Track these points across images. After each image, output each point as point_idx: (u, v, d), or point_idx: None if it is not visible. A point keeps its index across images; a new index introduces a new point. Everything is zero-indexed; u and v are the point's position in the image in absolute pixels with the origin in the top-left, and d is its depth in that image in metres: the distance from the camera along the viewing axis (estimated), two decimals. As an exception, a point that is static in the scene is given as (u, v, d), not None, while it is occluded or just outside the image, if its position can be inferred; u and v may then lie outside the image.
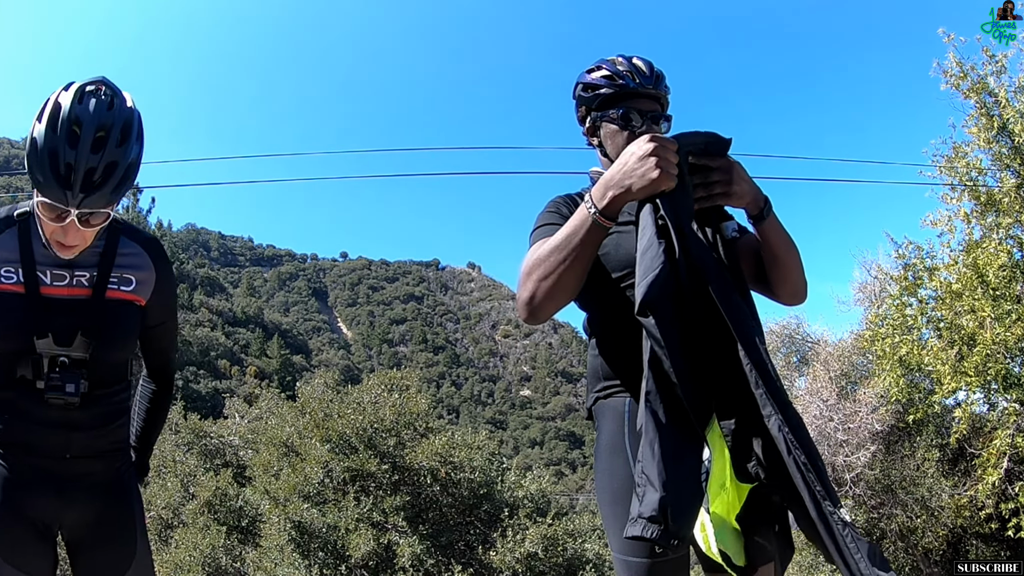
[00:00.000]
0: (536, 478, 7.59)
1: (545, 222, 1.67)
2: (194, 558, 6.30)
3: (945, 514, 8.88)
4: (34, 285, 1.52)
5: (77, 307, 1.56)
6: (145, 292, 1.66)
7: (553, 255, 1.47)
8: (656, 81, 1.70)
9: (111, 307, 1.60)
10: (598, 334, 1.68)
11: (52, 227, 1.46)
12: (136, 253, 1.67)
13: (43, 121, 1.40)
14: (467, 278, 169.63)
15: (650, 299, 1.33)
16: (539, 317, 1.52)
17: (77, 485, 1.61)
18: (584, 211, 1.45)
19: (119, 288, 1.61)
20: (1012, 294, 7.55)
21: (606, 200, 1.42)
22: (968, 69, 7.97)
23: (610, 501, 1.55)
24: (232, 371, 75.40)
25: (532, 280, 1.49)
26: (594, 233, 1.44)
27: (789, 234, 1.63)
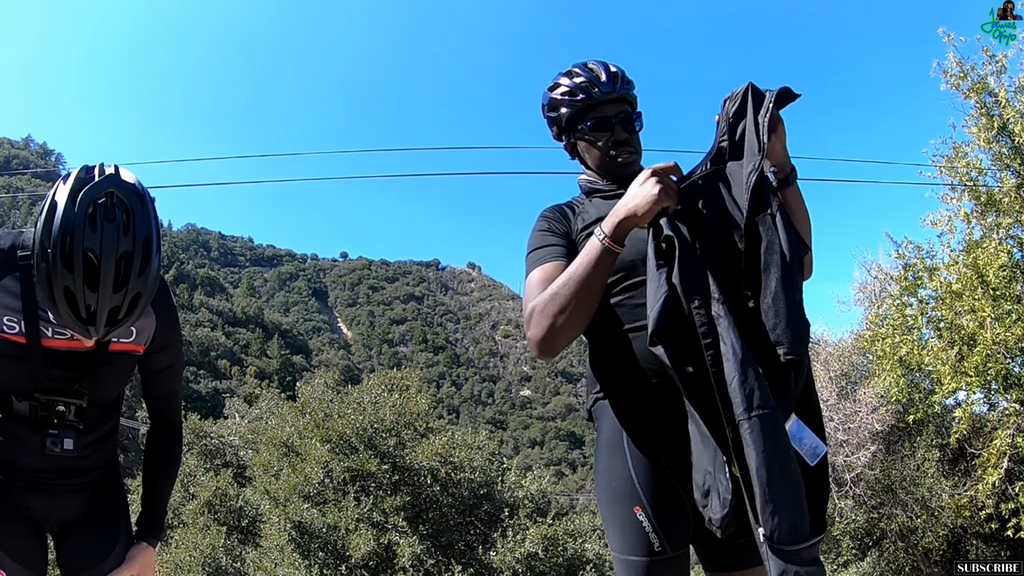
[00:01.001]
0: (536, 478, 7.60)
1: (540, 244, 1.67)
2: (194, 558, 6.30)
3: (945, 514, 8.88)
4: (36, 338, 1.52)
5: (78, 359, 1.57)
6: (144, 340, 1.66)
7: (566, 288, 1.49)
8: (615, 83, 1.69)
9: (111, 359, 1.62)
10: (598, 335, 1.69)
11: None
12: None
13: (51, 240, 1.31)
14: (467, 278, 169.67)
15: (659, 330, 1.35)
16: (555, 351, 1.53)
17: (67, 492, 1.68)
18: (595, 242, 1.48)
19: (119, 340, 1.61)
20: (1012, 294, 7.55)
21: (613, 226, 1.46)
22: (968, 69, 7.97)
23: (609, 501, 1.56)
24: (232, 371, 75.45)
25: (547, 316, 1.50)
26: (605, 260, 1.48)
27: (805, 208, 1.64)
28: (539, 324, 1.51)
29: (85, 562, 1.67)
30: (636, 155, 1.74)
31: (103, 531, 1.71)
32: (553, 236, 1.67)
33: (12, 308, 1.50)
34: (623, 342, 1.59)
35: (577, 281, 1.48)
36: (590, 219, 1.67)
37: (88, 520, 1.70)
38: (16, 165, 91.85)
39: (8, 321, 1.50)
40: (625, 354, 1.58)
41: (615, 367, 1.61)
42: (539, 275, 1.59)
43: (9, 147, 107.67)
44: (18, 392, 1.53)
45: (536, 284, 1.58)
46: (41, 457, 1.58)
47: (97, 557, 1.67)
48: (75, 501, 1.69)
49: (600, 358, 1.66)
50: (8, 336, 1.50)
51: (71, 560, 1.68)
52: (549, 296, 1.51)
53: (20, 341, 1.51)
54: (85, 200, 1.32)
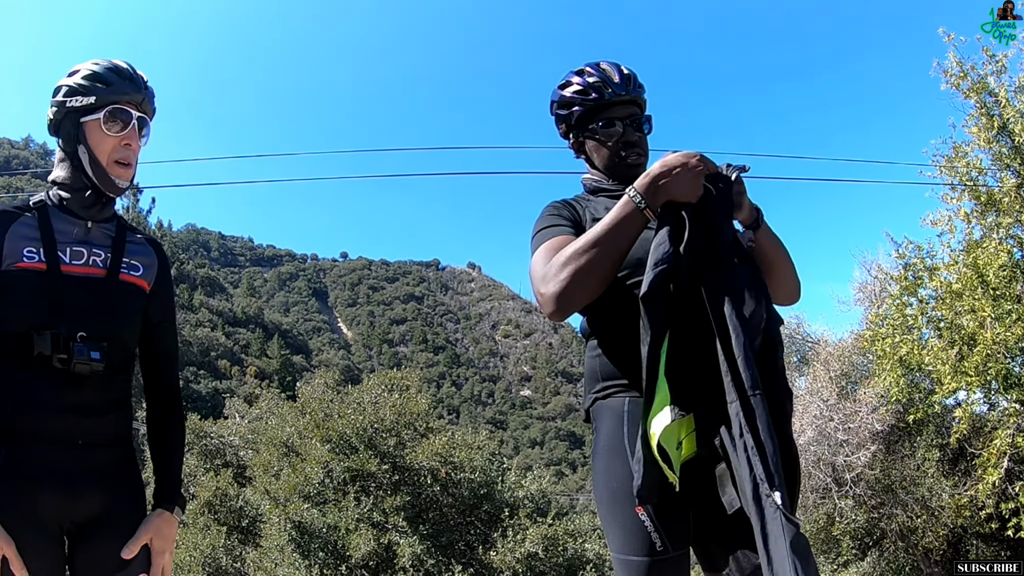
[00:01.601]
0: (536, 478, 7.60)
1: (550, 224, 1.67)
2: (194, 558, 6.30)
3: (945, 514, 8.88)
4: (55, 263, 1.56)
5: (93, 286, 1.61)
6: (150, 278, 1.73)
7: (595, 245, 1.47)
8: (628, 84, 1.70)
9: (123, 288, 1.66)
10: (600, 334, 1.68)
11: (112, 144, 1.61)
12: (141, 243, 1.76)
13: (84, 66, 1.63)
14: (467, 278, 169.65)
15: (653, 287, 1.39)
16: (568, 311, 1.52)
17: (86, 479, 1.55)
18: (630, 203, 1.47)
19: (129, 272, 1.68)
20: (1012, 294, 7.55)
21: (654, 194, 1.46)
22: (968, 69, 7.97)
23: (609, 501, 1.55)
24: (232, 371, 75.43)
25: (567, 271, 1.47)
26: (638, 224, 1.47)
27: (779, 239, 1.68)
28: (558, 279, 1.48)
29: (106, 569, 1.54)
30: (644, 157, 1.75)
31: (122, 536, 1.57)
32: (562, 219, 1.68)
33: (31, 238, 1.56)
34: (627, 339, 1.58)
35: (609, 237, 1.46)
36: (600, 215, 1.65)
37: (110, 518, 1.56)
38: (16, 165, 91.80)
39: (28, 252, 1.55)
40: (629, 351, 1.58)
41: (619, 364, 1.61)
42: (549, 245, 1.58)
43: (9, 147, 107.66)
44: (39, 327, 1.51)
45: (545, 253, 1.57)
46: (58, 391, 1.51)
47: (118, 566, 1.54)
48: (98, 493, 1.56)
49: (606, 355, 1.65)
50: (28, 265, 1.54)
51: (92, 568, 1.54)
52: (573, 252, 1.48)
53: (41, 268, 1.54)
54: None
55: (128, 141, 1.63)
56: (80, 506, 1.53)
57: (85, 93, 1.60)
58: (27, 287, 1.53)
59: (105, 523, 1.56)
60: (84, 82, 1.61)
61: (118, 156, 1.62)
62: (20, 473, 1.48)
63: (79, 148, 1.61)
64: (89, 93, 1.60)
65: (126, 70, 1.65)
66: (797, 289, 1.75)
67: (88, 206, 1.65)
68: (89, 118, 1.60)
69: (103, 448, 1.60)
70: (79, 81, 1.61)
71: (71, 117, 1.61)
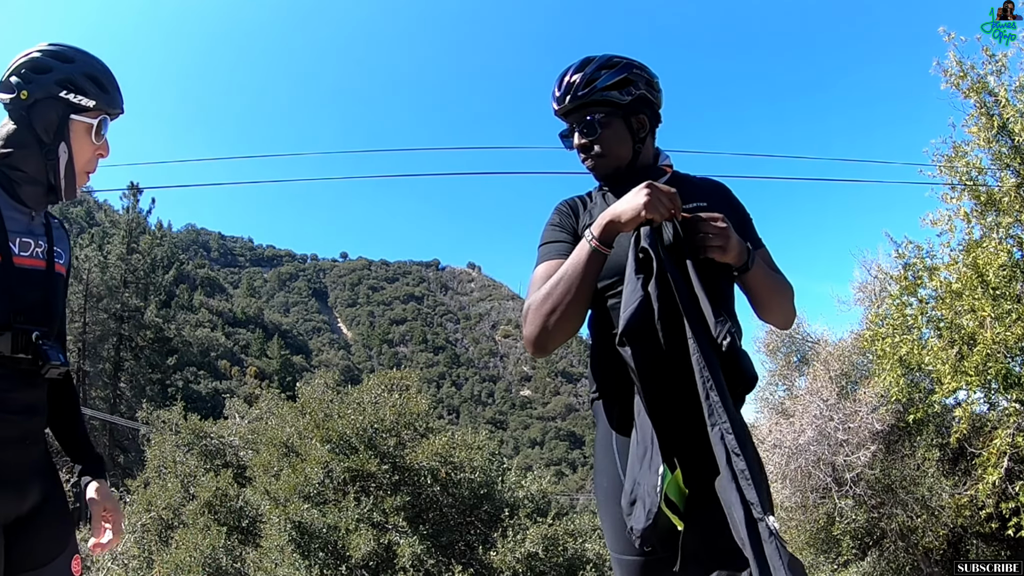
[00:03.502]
0: (536, 478, 7.60)
1: (548, 240, 1.72)
2: (194, 558, 6.29)
3: (945, 513, 8.88)
4: (8, 255, 1.49)
5: (39, 279, 1.56)
6: (67, 264, 1.69)
7: (558, 287, 1.53)
8: (561, 102, 1.70)
9: (57, 279, 1.61)
10: (592, 337, 1.73)
11: (91, 152, 1.58)
12: (58, 227, 1.69)
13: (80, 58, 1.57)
14: (467, 278, 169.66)
15: (629, 329, 1.40)
16: (548, 349, 1.57)
17: (31, 475, 1.57)
18: (584, 243, 1.53)
19: (58, 261, 1.63)
20: (1012, 293, 7.55)
21: (600, 227, 1.51)
22: (968, 68, 7.98)
23: (603, 500, 1.59)
24: (232, 371, 75.46)
25: (540, 314, 1.54)
26: (594, 260, 1.52)
27: (773, 277, 1.68)
28: (532, 323, 1.56)
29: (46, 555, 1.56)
30: (602, 158, 1.70)
31: (60, 520, 1.62)
32: (561, 232, 1.72)
33: None
34: (610, 346, 1.60)
35: (567, 281, 1.52)
36: (598, 214, 1.68)
37: (45, 508, 1.58)
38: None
39: None
40: (616, 357, 1.59)
41: (607, 369, 1.63)
42: (540, 272, 1.64)
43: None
44: None
45: (536, 281, 1.63)
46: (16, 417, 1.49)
47: (57, 550, 1.59)
48: (36, 485, 1.57)
49: (595, 360, 1.69)
50: None
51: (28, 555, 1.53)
52: (542, 296, 1.55)
53: None
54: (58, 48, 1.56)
55: (101, 152, 1.62)
56: (26, 501, 1.55)
57: (86, 93, 1.54)
58: None
59: (41, 512, 1.57)
60: (86, 82, 1.55)
61: (90, 167, 1.61)
62: None
63: (61, 146, 1.54)
64: (89, 94, 1.55)
65: (115, 80, 1.62)
66: (790, 319, 1.77)
67: (38, 199, 1.58)
68: (81, 119, 1.55)
69: (39, 444, 1.60)
70: (81, 76, 1.54)
71: (59, 106, 1.53)
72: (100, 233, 29.76)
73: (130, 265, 25.70)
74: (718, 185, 1.82)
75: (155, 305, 26.08)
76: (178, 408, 9.08)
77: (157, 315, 25.91)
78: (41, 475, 1.60)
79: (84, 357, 24.26)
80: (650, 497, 1.36)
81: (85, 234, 31.47)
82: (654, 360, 1.41)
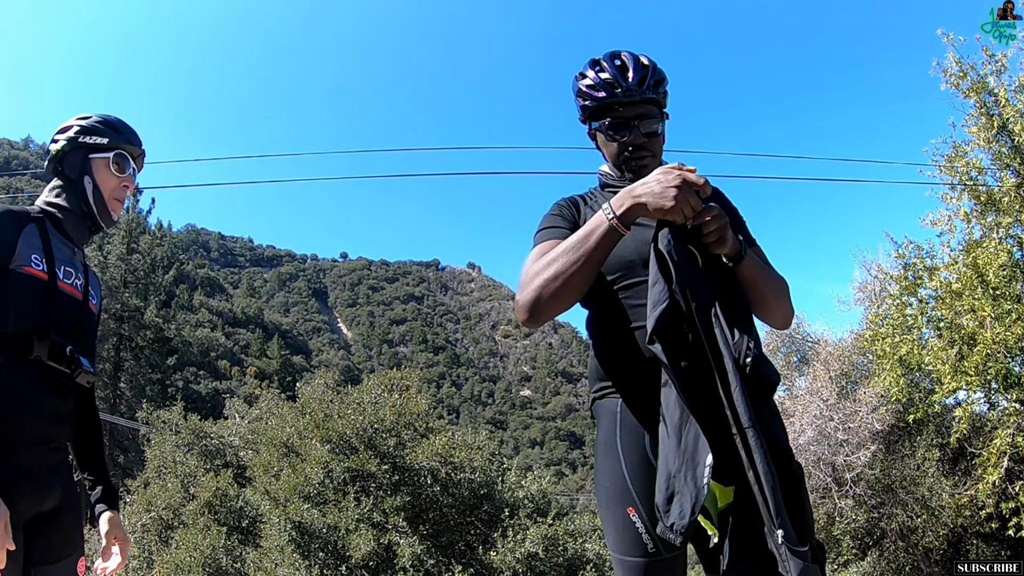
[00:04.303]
0: (536, 478, 7.59)
1: (548, 225, 1.68)
2: (194, 558, 6.29)
3: (945, 513, 8.87)
4: (54, 276, 1.76)
5: (76, 306, 1.83)
6: (99, 307, 1.97)
7: (565, 256, 1.47)
8: (642, 84, 1.63)
9: (90, 312, 1.89)
10: (595, 335, 1.70)
11: (115, 183, 1.86)
12: (94, 274, 1.99)
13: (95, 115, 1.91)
14: (467, 278, 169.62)
15: (658, 328, 1.37)
16: (540, 319, 1.51)
17: (52, 477, 1.73)
18: (602, 216, 1.47)
19: (93, 300, 1.91)
20: (1012, 293, 7.55)
21: (624, 208, 1.44)
22: (968, 68, 7.98)
23: (605, 501, 1.56)
24: (232, 372, 75.42)
25: (540, 279, 1.49)
26: (609, 237, 1.46)
27: (767, 270, 1.65)
28: (530, 287, 1.50)
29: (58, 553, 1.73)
30: (654, 159, 1.70)
31: (75, 523, 1.78)
32: (562, 220, 1.68)
33: (36, 247, 1.74)
34: (619, 342, 1.59)
35: (576, 250, 1.46)
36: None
37: (62, 511, 1.75)
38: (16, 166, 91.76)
39: (35, 259, 1.72)
40: (621, 354, 1.59)
41: (611, 367, 1.62)
42: (539, 249, 1.59)
43: (9, 148, 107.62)
44: (38, 332, 1.68)
45: (534, 256, 1.58)
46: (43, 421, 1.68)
47: (68, 550, 1.75)
48: (57, 488, 1.73)
49: (597, 357, 1.67)
50: (34, 271, 1.71)
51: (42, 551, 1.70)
52: (546, 262, 1.50)
53: (43, 277, 1.72)
54: None
55: (126, 184, 1.90)
56: (46, 501, 1.71)
57: (99, 134, 1.86)
58: (30, 292, 1.69)
59: (59, 515, 1.75)
60: (99, 125, 1.87)
61: (117, 195, 1.88)
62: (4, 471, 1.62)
63: (85, 179, 1.83)
64: (102, 135, 1.86)
65: (131, 128, 1.95)
66: (788, 317, 1.73)
67: (80, 232, 1.88)
68: (98, 156, 1.85)
69: (61, 451, 1.80)
70: (93, 123, 1.86)
71: (80, 151, 1.84)
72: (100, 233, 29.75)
73: (130, 265, 25.69)
74: (714, 189, 1.81)
75: (155, 305, 26.07)
76: (178, 408, 9.08)
77: (157, 315, 25.90)
78: (62, 480, 1.77)
79: (84, 357, 24.19)
80: (691, 491, 1.32)
81: (85, 234, 31.40)
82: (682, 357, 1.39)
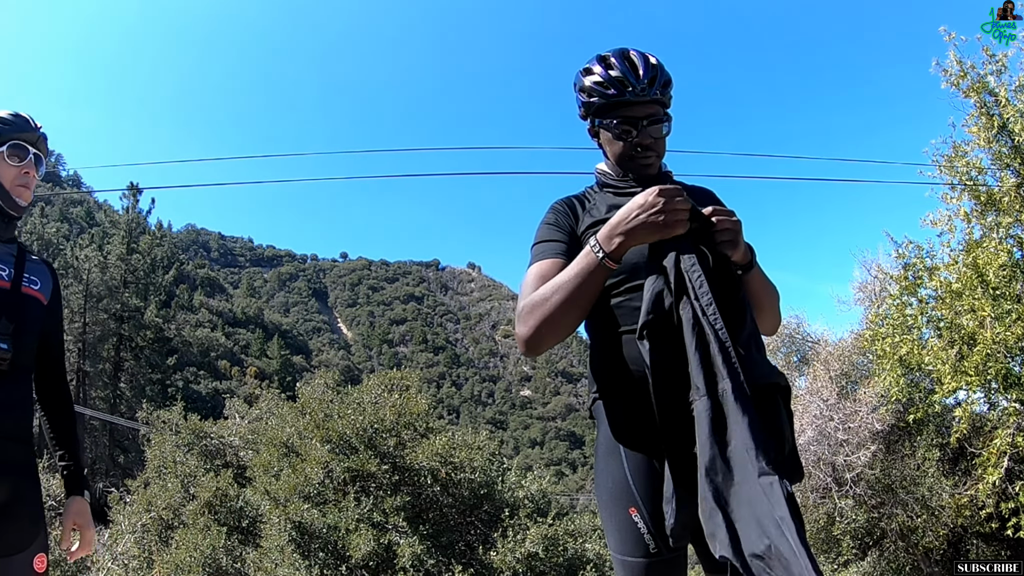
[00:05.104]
0: (536, 478, 7.58)
1: (545, 238, 1.67)
2: (194, 559, 6.29)
3: (945, 513, 8.87)
4: None
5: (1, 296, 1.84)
6: (47, 292, 1.99)
7: (556, 295, 1.48)
8: (652, 84, 1.62)
9: (25, 299, 1.90)
10: (596, 336, 1.70)
11: (14, 172, 1.88)
12: (39, 263, 2.01)
13: None
14: (467, 278, 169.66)
15: (648, 322, 1.40)
16: (538, 351, 1.55)
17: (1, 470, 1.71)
18: (591, 254, 1.47)
19: (29, 285, 1.92)
20: (1012, 293, 7.55)
21: (613, 245, 1.45)
22: (968, 68, 7.98)
23: (606, 502, 1.57)
24: (232, 372, 75.47)
25: (534, 318, 1.50)
26: (599, 275, 1.47)
27: (768, 278, 1.69)
28: (526, 324, 1.52)
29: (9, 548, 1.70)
30: (659, 160, 1.70)
31: (27, 518, 1.76)
32: (558, 231, 1.67)
33: None
34: (620, 343, 1.59)
35: (568, 291, 1.47)
36: (599, 215, 1.67)
37: (14, 503, 1.73)
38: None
39: None
40: (622, 355, 1.59)
41: (612, 368, 1.62)
42: (536, 271, 1.60)
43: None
44: None
45: (532, 280, 1.58)
46: None
47: (20, 546, 1.72)
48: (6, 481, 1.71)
49: (598, 358, 1.67)
50: None
51: None
52: (539, 299, 1.51)
53: None
54: None
55: (27, 170, 1.91)
56: None
57: None
58: None
59: (10, 508, 1.72)
60: None
61: (20, 181, 1.90)
62: None
63: None
64: None
65: (23, 116, 1.96)
66: (777, 324, 1.78)
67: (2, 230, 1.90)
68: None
69: (9, 442, 1.77)
70: None
71: None
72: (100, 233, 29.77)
73: (130, 265, 25.71)
74: (708, 191, 1.81)
75: (155, 305, 26.07)
76: (178, 408, 9.07)
77: (157, 315, 25.91)
78: (15, 472, 1.76)
79: (84, 357, 24.25)
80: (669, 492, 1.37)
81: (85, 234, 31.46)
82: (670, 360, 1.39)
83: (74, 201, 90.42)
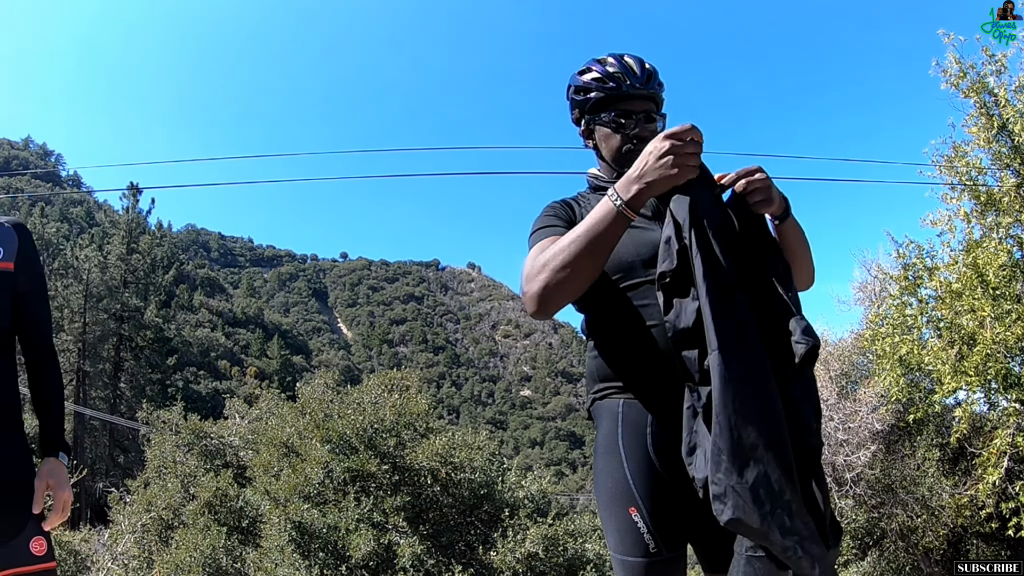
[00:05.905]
0: (536, 478, 7.58)
1: (545, 224, 1.68)
2: (194, 559, 6.30)
3: (945, 513, 8.87)
4: None
5: None
6: (11, 255, 1.85)
7: (574, 245, 1.46)
8: (648, 80, 1.69)
9: None
10: (596, 336, 1.69)
11: None
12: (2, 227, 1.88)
13: None
14: (467, 278, 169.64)
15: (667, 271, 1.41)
16: (549, 310, 1.51)
17: None
18: (608, 203, 1.46)
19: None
20: (1012, 293, 7.55)
21: (631, 193, 1.44)
22: (967, 68, 7.98)
23: (606, 502, 1.56)
24: (232, 372, 75.46)
25: (549, 269, 1.48)
26: (618, 224, 1.45)
27: (803, 230, 1.67)
28: (538, 278, 1.49)
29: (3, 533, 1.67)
30: None
31: (18, 505, 1.71)
32: (557, 220, 1.68)
33: None
34: (621, 342, 1.59)
35: (585, 240, 1.45)
36: None
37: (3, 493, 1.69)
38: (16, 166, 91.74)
39: None
40: (623, 354, 1.59)
41: (613, 367, 1.62)
42: (541, 245, 1.59)
43: (9, 148, 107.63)
44: None
45: (537, 251, 1.57)
46: None
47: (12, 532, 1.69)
48: None
49: (598, 357, 1.67)
50: None
51: None
52: (554, 252, 1.49)
53: None
54: None
55: None
56: None
57: None
58: None
59: None
60: None
61: None
62: None
63: None
64: None
65: None
66: (812, 276, 1.76)
67: None
68: None
69: None
70: None
71: None
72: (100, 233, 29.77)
73: (130, 265, 25.71)
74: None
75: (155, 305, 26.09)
76: (178, 408, 9.08)
77: (157, 315, 25.92)
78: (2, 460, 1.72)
79: (84, 357, 24.25)
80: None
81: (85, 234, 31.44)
82: None
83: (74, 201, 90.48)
